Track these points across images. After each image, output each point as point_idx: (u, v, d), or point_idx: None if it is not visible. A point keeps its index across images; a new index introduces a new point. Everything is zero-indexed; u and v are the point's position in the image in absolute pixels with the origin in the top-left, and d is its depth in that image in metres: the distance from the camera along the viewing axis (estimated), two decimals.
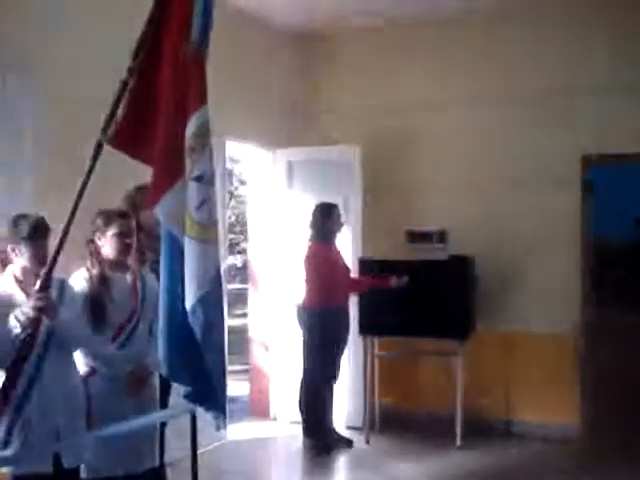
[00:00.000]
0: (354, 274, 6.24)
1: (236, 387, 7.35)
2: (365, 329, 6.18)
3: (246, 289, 14.85)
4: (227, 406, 3.26)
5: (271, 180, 6.90)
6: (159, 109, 3.02)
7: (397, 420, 6.53)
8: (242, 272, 16.63)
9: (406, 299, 6.00)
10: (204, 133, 2.98)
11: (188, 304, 2.97)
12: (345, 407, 6.53)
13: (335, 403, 6.20)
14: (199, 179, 2.96)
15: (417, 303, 6.04)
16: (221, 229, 5.69)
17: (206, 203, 2.98)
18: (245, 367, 7.94)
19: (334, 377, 6.08)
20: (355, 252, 6.44)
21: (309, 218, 6.10)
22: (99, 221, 3.83)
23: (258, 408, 7.00)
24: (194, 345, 2.99)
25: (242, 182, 17.50)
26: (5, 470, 3.42)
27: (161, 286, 3.10)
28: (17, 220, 3.46)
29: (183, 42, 2.97)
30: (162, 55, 3.03)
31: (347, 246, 6.40)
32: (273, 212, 6.88)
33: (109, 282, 3.81)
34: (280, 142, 6.83)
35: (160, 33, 3.04)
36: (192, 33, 2.97)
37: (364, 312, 6.16)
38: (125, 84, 3.06)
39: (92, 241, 3.86)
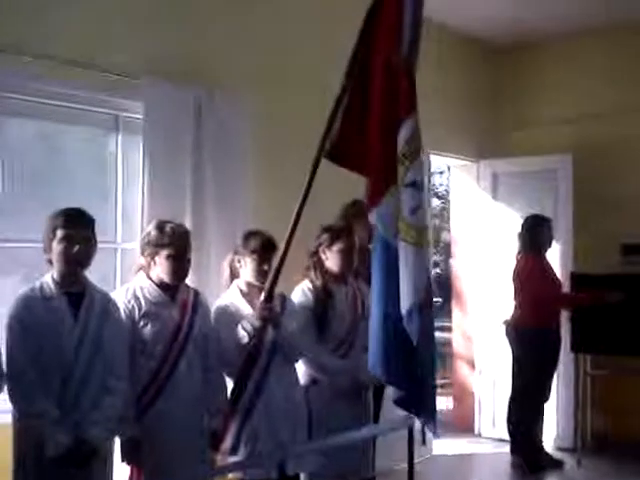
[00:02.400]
0: (565, 289, 5.98)
1: (437, 401, 7.26)
2: (578, 346, 5.88)
3: (439, 302, 14.88)
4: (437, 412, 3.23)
5: (475, 192, 6.78)
6: (372, 120, 3.11)
7: (611, 442, 6.16)
8: (434, 284, 16.46)
9: (623, 315, 5.64)
10: (416, 140, 3.05)
11: (404, 308, 3.02)
12: (555, 427, 6.27)
13: (545, 422, 5.96)
14: (413, 184, 3.03)
15: (635, 320, 5.67)
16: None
17: (420, 208, 3.06)
18: (445, 381, 7.86)
19: (545, 396, 5.85)
20: (565, 266, 6.17)
21: (518, 230, 5.93)
22: (325, 236, 3.93)
23: (462, 424, 6.88)
24: (408, 349, 3.04)
25: (437, 195, 17.48)
26: (232, 475, 3.57)
27: (374, 291, 3.15)
28: (248, 235, 3.66)
29: (393, 54, 3.06)
30: (373, 68, 3.13)
31: (556, 260, 6.15)
32: (478, 225, 6.76)
33: (332, 294, 3.89)
34: (484, 154, 6.71)
35: (370, 47, 3.14)
36: (401, 45, 3.05)
37: (577, 328, 5.86)
38: (340, 99, 3.16)
39: (316, 254, 3.96)
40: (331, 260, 3.91)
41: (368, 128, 3.11)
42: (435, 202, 17.88)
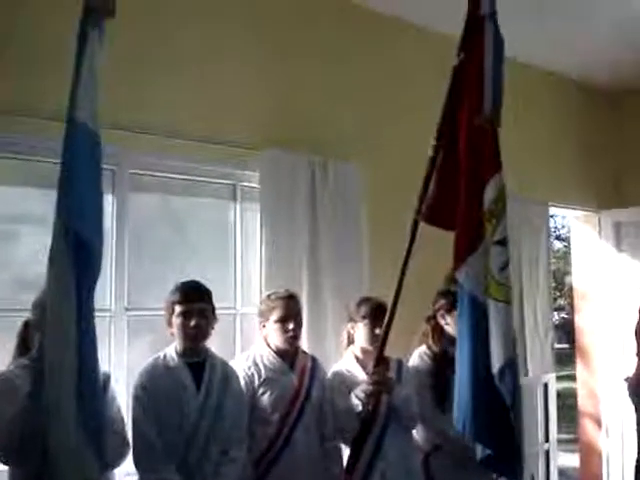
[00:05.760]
0: None
1: (563, 458, 7.02)
2: None
3: (564, 349, 14.43)
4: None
5: (597, 243, 6.59)
6: (460, 179, 3.14)
7: None
8: (559, 330, 16.02)
9: None
10: (502, 198, 3.07)
11: (495, 367, 3.01)
12: None
13: None
14: (501, 242, 3.05)
15: None
16: (546, 289, 5.66)
17: (507, 266, 3.06)
18: (571, 436, 7.61)
19: None
20: None
21: None
22: (443, 301, 3.91)
23: None
24: (498, 408, 3.01)
25: (557, 237, 17.09)
26: None
27: (461, 348, 3.14)
28: (360, 302, 3.72)
29: (476, 112, 3.09)
30: (459, 128, 3.16)
31: None
32: (601, 277, 6.54)
33: (452, 359, 3.82)
34: (605, 204, 6.52)
35: (456, 106, 3.18)
36: (484, 103, 3.09)
37: None
38: (432, 161, 3.20)
39: (434, 319, 3.95)
40: (452, 325, 3.83)
41: (457, 187, 3.14)
42: (557, 245, 17.47)
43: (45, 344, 2.46)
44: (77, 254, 2.47)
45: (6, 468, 2.87)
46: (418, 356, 3.91)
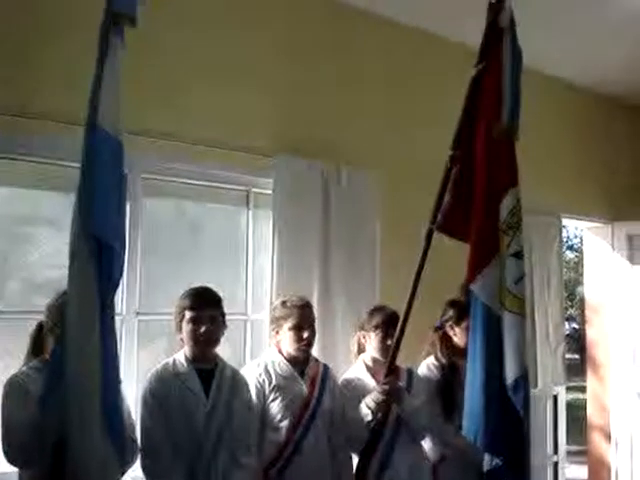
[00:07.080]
0: None
1: (571, 470, 6.97)
2: None
3: (574, 359, 14.33)
4: None
5: (610, 255, 6.54)
6: (476, 188, 3.13)
7: None
8: (569, 340, 15.91)
9: None
10: (518, 212, 3.09)
11: (510, 379, 3.02)
12: None
13: None
14: (517, 255, 3.07)
15: None
16: (558, 300, 5.67)
17: (523, 278, 3.09)
18: (580, 448, 7.55)
19: None
20: None
21: None
22: (451, 312, 3.90)
23: None
24: (511, 420, 3.02)
25: (570, 247, 17.02)
26: None
27: (474, 358, 3.13)
28: (373, 311, 3.71)
29: (493, 124, 3.09)
30: (477, 137, 3.15)
31: None
32: (611, 287, 6.50)
33: (459, 371, 3.80)
34: (619, 215, 6.48)
35: (474, 116, 3.17)
36: (502, 113, 3.09)
37: None
38: (448, 171, 3.19)
39: (442, 329, 3.93)
40: (459, 336, 3.86)
41: (472, 198, 3.14)
42: (569, 255, 17.39)
43: (66, 349, 2.45)
44: (98, 259, 2.48)
45: (16, 470, 2.87)
46: (426, 367, 3.89)
